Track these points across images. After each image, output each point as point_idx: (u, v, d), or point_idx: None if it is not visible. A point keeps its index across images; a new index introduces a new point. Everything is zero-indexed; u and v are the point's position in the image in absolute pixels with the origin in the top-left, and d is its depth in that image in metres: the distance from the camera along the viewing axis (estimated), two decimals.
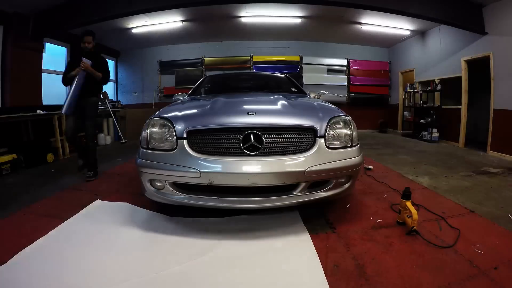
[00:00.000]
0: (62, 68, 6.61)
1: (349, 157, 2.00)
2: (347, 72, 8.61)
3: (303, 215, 2.19)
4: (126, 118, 6.93)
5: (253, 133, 1.87)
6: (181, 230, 2.01)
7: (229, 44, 8.41)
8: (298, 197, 1.90)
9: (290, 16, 6.44)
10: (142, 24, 6.61)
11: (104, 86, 3.66)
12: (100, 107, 6.34)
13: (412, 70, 7.60)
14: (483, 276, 1.47)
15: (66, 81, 3.29)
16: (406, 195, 2.03)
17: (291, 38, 8.19)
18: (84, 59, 3.14)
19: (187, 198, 1.94)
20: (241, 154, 1.85)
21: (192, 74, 8.28)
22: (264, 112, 2.25)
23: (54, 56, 6.29)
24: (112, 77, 8.57)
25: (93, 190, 2.91)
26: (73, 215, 2.24)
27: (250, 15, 6.37)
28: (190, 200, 1.94)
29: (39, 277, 1.47)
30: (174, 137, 1.96)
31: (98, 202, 2.54)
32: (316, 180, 1.93)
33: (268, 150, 1.88)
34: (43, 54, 5.63)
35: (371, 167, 3.73)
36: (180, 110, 2.28)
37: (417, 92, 6.89)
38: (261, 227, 2.03)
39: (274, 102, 2.43)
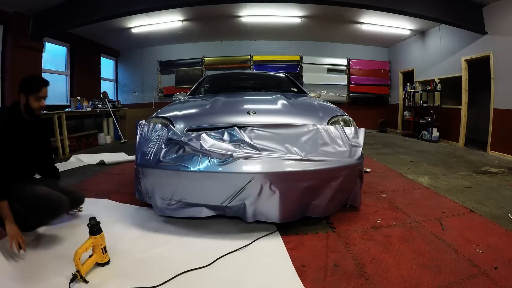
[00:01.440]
0: (62, 67, 6.67)
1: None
2: (347, 71, 8.61)
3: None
4: (126, 118, 6.94)
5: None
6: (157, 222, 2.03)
7: (229, 44, 8.41)
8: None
9: (290, 15, 6.43)
10: (142, 24, 6.60)
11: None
12: (100, 107, 6.36)
13: (412, 70, 7.60)
14: (483, 276, 1.47)
15: None
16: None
17: (291, 37, 8.18)
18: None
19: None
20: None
21: (192, 74, 8.28)
22: (264, 112, 2.26)
23: (54, 55, 6.30)
24: (112, 77, 8.62)
25: (93, 190, 2.91)
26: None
27: (250, 15, 6.36)
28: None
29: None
30: None
31: None
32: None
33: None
34: (43, 53, 5.63)
35: (368, 169, 3.60)
36: (180, 110, 2.29)
37: (417, 91, 6.89)
38: (232, 229, 1.99)
39: (274, 102, 2.43)
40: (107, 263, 1.55)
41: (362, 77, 8.66)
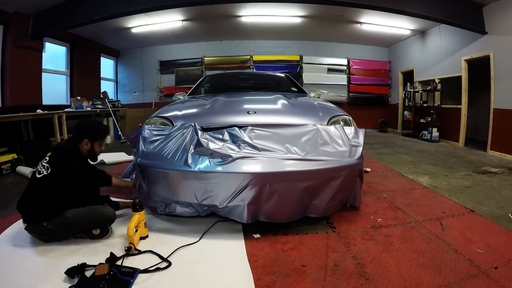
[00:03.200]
0: (62, 67, 6.66)
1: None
2: (347, 71, 8.60)
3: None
4: (126, 118, 6.94)
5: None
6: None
7: (229, 44, 8.41)
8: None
9: (290, 15, 6.43)
10: (142, 24, 6.60)
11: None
12: (100, 106, 6.36)
13: (412, 70, 7.60)
14: (483, 276, 1.47)
15: None
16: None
17: (291, 37, 8.18)
18: None
19: None
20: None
21: (192, 74, 8.28)
22: (264, 112, 2.26)
23: (54, 55, 6.30)
24: (112, 76, 8.62)
25: None
26: None
27: (250, 15, 6.35)
28: None
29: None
30: None
31: None
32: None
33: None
34: (43, 53, 5.63)
35: (368, 169, 3.62)
36: (180, 110, 2.29)
37: (417, 91, 6.89)
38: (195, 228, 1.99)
39: (274, 102, 2.43)
40: (147, 236, 1.82)
41: (362, 77, 8.65)
